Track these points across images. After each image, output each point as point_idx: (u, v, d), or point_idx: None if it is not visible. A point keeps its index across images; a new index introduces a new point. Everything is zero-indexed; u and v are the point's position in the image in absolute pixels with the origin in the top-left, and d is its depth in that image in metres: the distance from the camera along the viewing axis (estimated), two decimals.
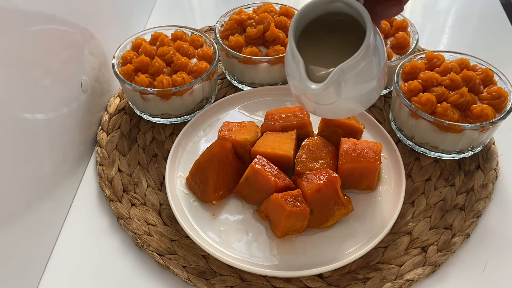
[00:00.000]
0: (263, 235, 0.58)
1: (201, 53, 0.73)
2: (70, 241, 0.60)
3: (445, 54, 0.70)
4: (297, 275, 0.54)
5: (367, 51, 0.41)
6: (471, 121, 0.62)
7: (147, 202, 0.64)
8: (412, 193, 0.64)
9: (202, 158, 0.61)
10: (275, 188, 0.57)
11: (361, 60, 0.41)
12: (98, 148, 0.70)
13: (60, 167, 0.61)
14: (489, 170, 0.66)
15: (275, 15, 0.78)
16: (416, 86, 0.65)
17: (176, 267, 0.56)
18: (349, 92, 0.44)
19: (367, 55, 0.42)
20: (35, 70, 0.55)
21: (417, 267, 0.56)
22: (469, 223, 0.60)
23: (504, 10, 1.00)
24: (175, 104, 0.69)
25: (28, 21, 0.52)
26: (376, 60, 0.43)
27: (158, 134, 0.72)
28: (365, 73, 0.43)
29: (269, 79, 0.76)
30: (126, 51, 0.72)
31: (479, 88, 0.65)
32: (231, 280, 0.56)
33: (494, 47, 0.90)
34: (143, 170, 0.68)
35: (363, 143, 0.61)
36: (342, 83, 0.42)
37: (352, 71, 0.42)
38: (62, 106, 0.61)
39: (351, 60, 0.40)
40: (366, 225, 0.58)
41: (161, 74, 0.68)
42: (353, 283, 0.55)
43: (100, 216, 0.63)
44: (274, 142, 0.63)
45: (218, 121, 0.72)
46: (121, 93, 0.78)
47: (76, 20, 0.65)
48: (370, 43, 0.41)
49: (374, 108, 0.76)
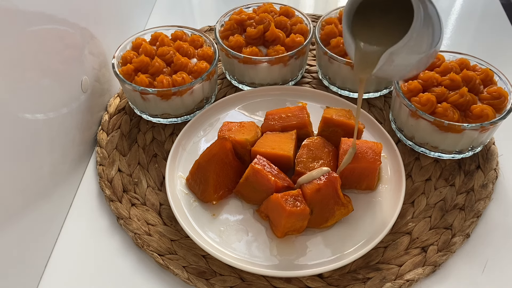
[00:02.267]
0: (263, 235, 0.58)
1: (201, 53, 0.73)
2: (70, 241, 0.60)
3: (445, 54, 0.70)
4: (297, 275, 0.54)
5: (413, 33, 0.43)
6: (471, 121, 0.62)
7: (147, 202, 0.64)
8: (412, 193, 0.64)
9: (202, 158, 0.61)
10: (275, 188, 0.57)
11: (408, 44, 0.43)
12: (98, 148, 0.70)
13: (60, 167, 0.61)
14: (489, 170, 0.66)
15: (275, 15, 0.78)
16: (416, 86, 0.65)
17: (176, 267, 0.56)
18: (404, 63, 0.47)
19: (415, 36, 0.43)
20: (35, 70, 0.55)
21: (417, 267, 0.56)
22: (469, 223, 0.60)
23: (504, 10, 1.00)
24: (175, 104, 0.69)
25: (28, 21, 0.52)
26: (428, 33, 0.45)
27: (158, 134, 0.72)
28: (417, 47, 0.46)
29: (269, 79, 0.76)
30: (126, 51, 0.72)
31: (479, 88, 0.65)
32: (231, 280, 0.56)
33: (494, 47, 0.90)
34: (143, 170, 0.68)
35: (363, 143, 0.61)
36: (392, 62, 0.45)
37: (401, 53, 0.44)
38: (62, 106, 0.61)
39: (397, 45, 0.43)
40: (366, 225, 0.58)
41: (161, 74, 0.68)
42: (353, 283, 0.55)
43: (100, 216, 0.63)
44: (274, 142, 0.63)
45: (218, 121, 0.72)
46: (121, 93, 0.78)
47: (76, 20, 0.65)
48: (415, 28, 0.42)
49: (374, 108, 0.76)
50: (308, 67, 0.84)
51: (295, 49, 0.73)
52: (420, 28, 0.43)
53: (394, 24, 0.47)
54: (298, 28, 0.76)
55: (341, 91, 0.77)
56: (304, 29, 0.76)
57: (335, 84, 0.78)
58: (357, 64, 0.50)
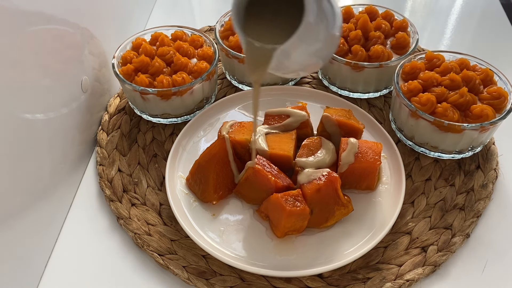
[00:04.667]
0: (263, 235, 0.58)
1: (201, 53, 0.73)
2: (70, 241, 0.60)
3: (445, 54, 0.70)
4: (297, 275, 0.54)
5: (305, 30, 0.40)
6: (471, 121, 0.62)
7: (147, 202, 0.64)
8: (412, 193, 0.64)
9: (202, 158, 0.61)
10: (275, 188, 0.57)
11: (299, 42, 0.41)
12: (98, 148, 0.70)
13: (60, 167, 0.61)
14: (489, 170, 0.66)
15: None
16: (416, 86, 0.65)
17: (176, 267, 0.56)
18: (299, 59, 0.45)
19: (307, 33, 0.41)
20: (35, 70, 0.55)
21: (417, 267, 0.56)
22: (469, 223, 0.60)
23: (504, 10, 1.00)
24: (175, 104, 0.69)
25: (28, 21, 0.52)
26: (322, 23, 0.43)
27: (158, 134, 0.72)
28: (313, 38, 0.43)
29: (269, 79, 0.76)
30: (126, 51, 0.72)
31: (479, 88, 0.65)
32: (231, 280, 0.56)
33: (494, 47, 0.90)
34: (143, 170, 0.68)
35: (363, 143, 0.61)
36: (288, 57, 0.43)
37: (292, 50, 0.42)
38: (62, 106, 0.61)
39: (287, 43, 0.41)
40: (366, 225, 0.58)
41: (161, 74, 0.68)
42: (353, 283, 0.55)
43: (100, 216, 0.63)
44: (274, 142, 0.63)
45: (218, 121, 0.72)
46: (121, 93, 0.78)
47: (76, 20, 0.65)
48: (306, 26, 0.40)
49: (374, 108, 0.76)
50: None
51: None
52: (313, 20, 0.41)
53: (285, 17, 0.45)
54: None
55: (341, 91, 0.77)
56: None
57: (335, 84, 0.78)
58: (249, 63, 0.47)
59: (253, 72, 0.48)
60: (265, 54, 0.44)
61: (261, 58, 0.45)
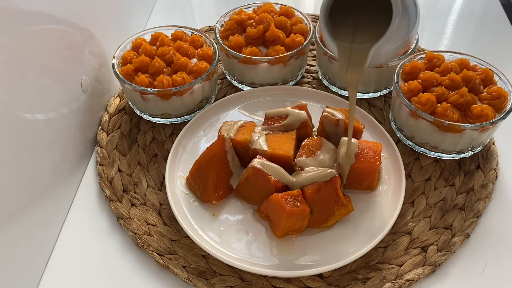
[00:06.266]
0: (263, 235, 0.58)
1: (201, 53, 0.73)
2: (70, 241, 0.60)
3: (445, 54, 0.70)
4: (297, 275, 0.54)
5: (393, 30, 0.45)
6: (471, 121, 0.62)
7: (147, 202, 0.64)
8: (412, 193, 0.64)
9: (202, 158, 0.61)
10: (275, 188, 0.57)
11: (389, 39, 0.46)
12: (98, 148, 0.70)
13: (60, 167, 0.61)
14: (489, 170, 0.66)
15: (275, 15, 0.78)
16: (416, 86, 0.65)
17: (176, 267, 0.56)
18: (386, 52, 0.51)
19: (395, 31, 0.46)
20: (35, 70, 0.55)
21: (417, 267, 0.56)
22: (469, 223, 0.60)
23: (504, 10, 1.00)
24: (175, 104, 0.69)
25: (28, 21, 0.52)
26: (405, 21, 0.47)
27: (158, 134, 0.72)
28: (398, 35, 0.48)
29: (269, 79, 0.76)
30: (126, 51, 0.72)
31: (479, 88, 0.65)
32: (231, 280, 0.56)
33: (494, 47, 0.90)
34: (143, 170, 0.68)
35: (363, 143, 0.61)
36: (378, 55, 0.49)
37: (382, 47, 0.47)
38: (62, 106, 0.61)
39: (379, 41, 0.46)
40: (366, 225, 0.58)
41: (161, 74, 0.68)
42: (353, 283, 0.55)
43: (100, 216, 0.63)
44: (274, 142, 0.63)
45: (218, 121, 0.72)
46: (121, 93, 0.78)
47: (76, 20, 0.65)
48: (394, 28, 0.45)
49: (374, 108, 0.76)
50: (308, 67, 0.84)
51: (295, 49, 0.73)
52: (400, 18, 0.45)
53: (369, 19, 0.49)
54: (298, 28, 0.76)
55: (341, 91, 0.77)
56: (304, 29, 0.76)
57: (335, 84, 0.78)
58: (345, 65, 0.51)
59: (351, 73, 0.51)
60: (362, 54, 0.48)
61: (359, 58, 0.49)
